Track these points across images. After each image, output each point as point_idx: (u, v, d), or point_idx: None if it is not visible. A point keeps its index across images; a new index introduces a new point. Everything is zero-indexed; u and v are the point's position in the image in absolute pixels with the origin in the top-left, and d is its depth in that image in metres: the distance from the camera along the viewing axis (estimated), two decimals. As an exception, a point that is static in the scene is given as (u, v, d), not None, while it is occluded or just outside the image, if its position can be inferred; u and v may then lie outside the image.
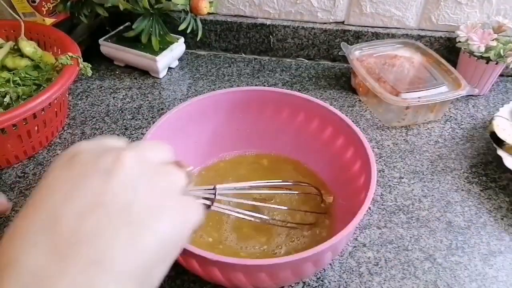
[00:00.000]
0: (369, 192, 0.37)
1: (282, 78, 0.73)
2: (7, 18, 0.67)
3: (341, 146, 0.47)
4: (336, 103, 0.68)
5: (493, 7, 0.71)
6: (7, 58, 0.60)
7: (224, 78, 0.73)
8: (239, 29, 0.76)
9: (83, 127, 0.61)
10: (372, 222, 0.49)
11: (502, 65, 0.65)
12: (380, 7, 0.73)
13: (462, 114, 0.67)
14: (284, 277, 0.37)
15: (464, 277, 0.44)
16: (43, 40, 0.64)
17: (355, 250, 0.46)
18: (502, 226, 0.49)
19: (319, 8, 0.74)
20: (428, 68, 0.66)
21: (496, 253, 0.46)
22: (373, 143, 0.60)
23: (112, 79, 0.72)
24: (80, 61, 0.57)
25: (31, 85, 0.57)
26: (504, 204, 0.52)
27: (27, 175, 0.54)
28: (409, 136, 0.62)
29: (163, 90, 0.70)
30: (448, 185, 0.54)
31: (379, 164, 0.56)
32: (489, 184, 0.55)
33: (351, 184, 0.44)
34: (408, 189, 0.53)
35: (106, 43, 0.72)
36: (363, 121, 0.64)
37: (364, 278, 0.43)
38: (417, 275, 0.44)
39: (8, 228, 0.20)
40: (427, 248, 0.46)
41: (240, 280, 0.35)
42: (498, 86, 0.73)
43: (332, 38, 0.76)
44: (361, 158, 0.43)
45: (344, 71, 0.76)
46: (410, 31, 0.75)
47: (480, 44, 0.64)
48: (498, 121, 0.58)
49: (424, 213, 0.50)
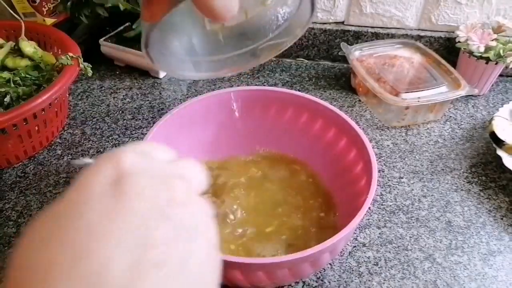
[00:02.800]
0: (369, 194, 0.37)
1: (282, 78, 0.74)
2: (7, 18, 0.67)
3: (344, 148, 0.48)
4: (336, 103, 0.68)
5: (492, 7, 0.71)
6: (7, 58, 0.60)
7: (224, 78, 0.73)
8: (239, 29, 0.76)
9: (84, 127, 0.62)
10: (372, 222, 0.49)
11: (501, 65, 0.65)
12: (380, 7, 0.73)
13: (461, 114, 0.67)
14: (282, 276, 0.37)
15: (464, 277, 0.44)
16: (43, 40, 0.64)
17: (355, 250, 0.46)
18: (501, 226, 0.49)
19: (319, 8, 0.74)
20: (428, 68, 0.66)
21: (496, 253, 0.46)
22: (373, 143, 0.60)
23: (112, 79, 0.72)
24: (80, 61, 0.57)
25: (32, 85, 0.57)
26: (504, 204, 0.52)
27: (28, 175, 0.54)
28: (409, 136, 0.62)
29: (163, 90, 0.70)
30: (447, 185, 0.54)
31: (379, 164, 0.56)
32: (489, 184, 0.55)
33: (353, 185, 0.44)
34: (408, 189, 0.53)
35: (107, 43, 0.72)
36: (363, 121, 0.64)
37: (364, 278, 0.43)
38: (417, 275, 0.44)
39: (13, 269, 0.16)
40: (427, 248, 0.47)
41: (237, 278, 0.36)
42: (498, 86, 0.73)
43: (332, 38, 0.76)
44: (363, 160, 0.43)
45: (344, 71, 0.76)
46: (410, 31, 0.75)
47: (480, 44, 0.64)
48: (497, 121, 0.58)
49: (424, 213, 0.50)
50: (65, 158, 0.56)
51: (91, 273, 0.15)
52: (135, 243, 0.16)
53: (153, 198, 0.18)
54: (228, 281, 0.37)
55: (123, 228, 0.16)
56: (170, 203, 0.18)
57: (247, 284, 0.37)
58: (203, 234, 0.19)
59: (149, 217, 0.17)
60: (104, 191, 0.17)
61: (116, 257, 0.16)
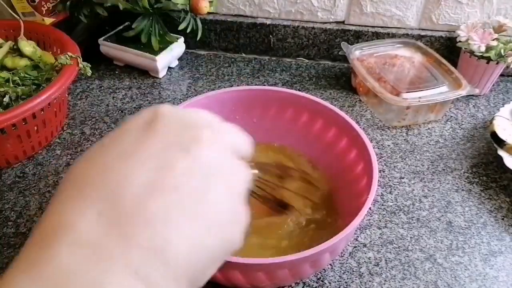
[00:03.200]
0: (370, 194, 0.37)
1: (282, 78, 0.73)
2: (6, 18, 0.67)
3: (344, 148, 0.47)
4: (337, 103, 0.68)
5: (493, 6, 0.70)
6: (6, 58, 0.60)
7: (224, 78, 0.73)
8: (239, 28, 0.76)
9: (83, 127, 0.61)
10: (373, 222, 0.49)
11: (502, 65, 0.65)
12: (381, 7, 0.73)
13: (462, 114, 0.67)
14: (282, 277, 0.37)
15: (465, 277, 0.44)
16: (42, 40, 0.64)
17: (356, 251, 0.46)
18: (502, 226, 0.49)
19: (319, 7, 0.74)
20: (429, 68, 0.66)
21: (497, 253, 0.46)
22: (373, 143, 0.60)
23: (112, 79, 0.72)
24: (79, 61, 0.57)
25: (31, 85, 0.56)
26: (505, 204, 0.52)
27: (27, 175, 0.54)
28: (410, 136, 0.62)
29: (163, 90, 0.69)
30: (448, 185, 0.54)
31: (379, 164, 0.56)
32: (490, 184, 0.55)
33: (353, 186, 0.44)
34: (409, 189, 0.53)
35: (106, 42, 0.72)
36: (364, 121, 0.64)
37: (364, 278, 0.43)
38: (418, 276, 0.44)
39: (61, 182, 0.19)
40: (428, 249, 0.46)
41: (237, 279, 0.35)
42: (499, 86, 0.73)
43: (332, 37, 0.75)
44: (364, 160, 0.43)
45: (345, 71, 0.75)
46: (411, 30, 0.74)
47: (481, 44, 0.64)
48: (498, 121, 0.57)
49: (425, 213, 0.50)
50: (64, 159, 0.56)
51: (112, 182, 0.18)
52: (156, 166, 0.18)
53: (178, 134, 0.20)
54: (228, 281, 0.36)
55: (147, 153, 0.19)
56: (195, 141, 0.20)
57: (247, 284, 0.37)
58: (225, 177, 0.20)
59: (172, 148, 0.19)
60: (138, 127, 0.20)
61: (136, 173, 0.18)
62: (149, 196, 0.17)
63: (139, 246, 0.17)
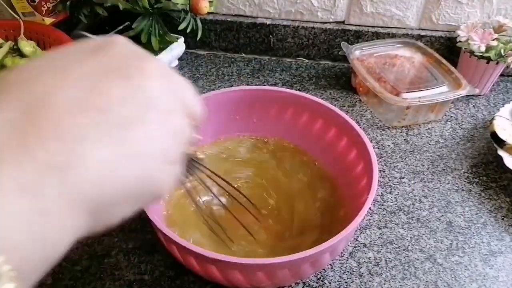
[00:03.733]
0: (370, 194, 0.37)
1: (282, 78, 0.73)
2: (6, 18, 0.67)
3: (344, 148, 0.48)
4: (337, 103, 0.68)
5: (493, 6, 0.70)
6: (6, 58, 0.60)
7: (224, 77, 0.73)
8: (239, 28, 0.76)
9: (83, 127, 0.61)
10: (373, 222, 0.49)
11: (502, 65, 0.65)
12: (381, 7, 0.73)
13: (462, 114, 0.67)
14: (283, 277, 0.37)
15: (465, 278, 0.44)
16: (42, 40, 0.64)
17: (356, 251, 0.46)
18: (502, 226, 0.49)
19: (319, 7, 0.74)
20: (429, 68, 0.66)
21: (497, 253, 0.46)
22: (373, 143, 0.60)
23: (112, 79, 0.71)
24: (79, 60, 0.57)
25: (31, 85, 0.56)
26: (505, 204, 0.52)
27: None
28: (410, 136, 0.62)
29: (163, 90, 0.69)
30: (448, 185, 0.54)
31: (379, 164, 0.56)
32: (490, 184, 0.55)
33: (353, 186, 0.44)
34: (409, 189, 0.53)
35: (106, 42, 0.72)
36: (364, 121, 0.64)
37: (364, 278, 0.43)
38: (418, 276, 0.44)
39: None
40: (428, 249, 0.46)
41: (237, 279, 0.35)
42: (499, 86, 0.73)
43: (332, 37, 0.75)
44: (364, 160, 0.43)
45: (344, 71, 0.75)
46: (411, 30, 0.74)
47: (481, 44, 0.64)
48: (498, 121, 0.57)
49: (425, 213, 0.50)
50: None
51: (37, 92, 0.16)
52: (89, 86, 0.17)
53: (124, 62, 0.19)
54: (228, 281, 0.36)
55: (84, 72, 0.18)
56: (140, 70, 0.19)
57: (247, 284, 0.37)
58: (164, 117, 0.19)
59: (112, 73, 0.18)
60: (85, 49, 0.19)
61: (65, 89, 0.17)
62: (69, 113, 0.16)
63: (35, 160, 0.15)
